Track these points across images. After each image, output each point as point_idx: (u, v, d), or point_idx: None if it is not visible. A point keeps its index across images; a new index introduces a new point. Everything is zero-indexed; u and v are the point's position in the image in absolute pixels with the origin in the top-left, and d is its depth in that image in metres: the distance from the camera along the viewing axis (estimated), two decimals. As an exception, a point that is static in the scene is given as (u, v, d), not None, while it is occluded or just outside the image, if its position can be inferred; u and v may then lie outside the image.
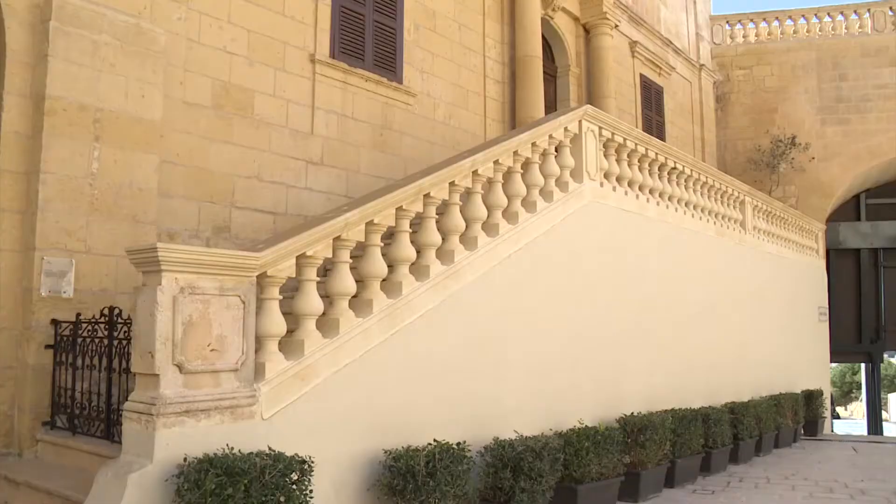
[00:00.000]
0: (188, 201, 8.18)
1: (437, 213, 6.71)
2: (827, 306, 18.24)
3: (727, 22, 23.15)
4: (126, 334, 5.73)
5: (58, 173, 6.81)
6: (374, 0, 10.68)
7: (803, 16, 22.51)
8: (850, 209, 23.46)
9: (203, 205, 8.32)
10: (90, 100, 7.08)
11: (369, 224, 5.96)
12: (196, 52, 8.41)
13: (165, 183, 7.87)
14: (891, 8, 21.74)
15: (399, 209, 6.24)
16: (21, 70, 6.87)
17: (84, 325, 6.36)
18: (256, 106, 8.98)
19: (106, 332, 6.05)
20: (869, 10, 21.89)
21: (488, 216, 7.31)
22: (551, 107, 14.63)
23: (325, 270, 6.10)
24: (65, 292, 6.78)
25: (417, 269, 6.48)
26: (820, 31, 22.25)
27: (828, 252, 20.37)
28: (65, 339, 6.52)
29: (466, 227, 7.04)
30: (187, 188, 8.18)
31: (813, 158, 21.19)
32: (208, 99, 8.48)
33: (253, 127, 8.91)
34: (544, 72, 14.01)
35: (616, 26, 16.30)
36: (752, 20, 23.03)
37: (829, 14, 22.26)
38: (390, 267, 6.29)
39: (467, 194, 7.15)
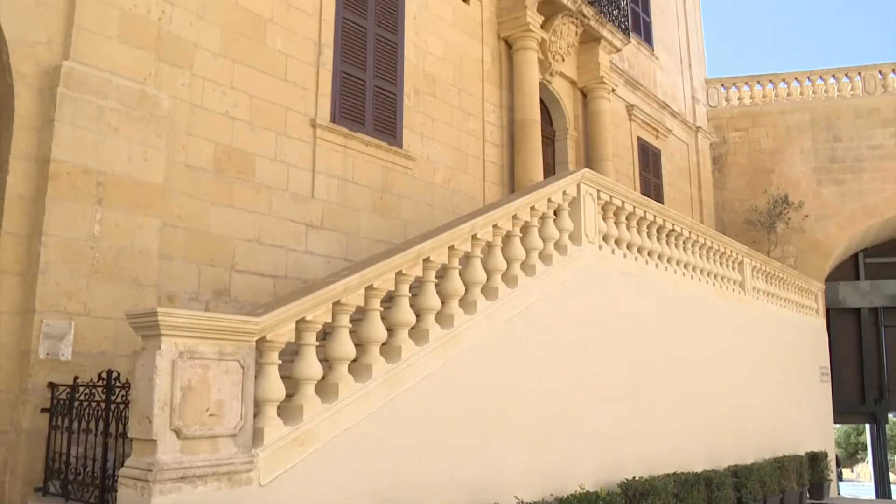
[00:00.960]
0: (188, 264, 8.21)
1: (436, 277, 6.73)
2: (829, 366, 18.15)
3: (722, 85, 23.51)
4: (124, 398, 5.70)
5: (60, 236, 6.84)
6: (374, 65, 10.88)
7: (796, 79, 22.89)
8: (849, 268, 23.52)
9: (203, 267, 8.35)
10: (94, 163, 7.14)
11: (369, 289, 5.98)
12: (199, 116, 8.53)
13: (166, 245, 7.91)
14: (880, 71, 22.15)
15: (399, 273, 6.27)
16: (27, 135, 6.95)
17: (81, 389, 6.31)
18: (258, 169, 9.07)
19: (103, 396, 6.01)
20: (859, 73, 22.28)
21: (488, 280, 7.34)
22: (550, 170, 14.77)
23: (325, 334, 6.10)
24: (63, 355, 6.75)
25: (417, 334, 6.48)
26: (813, 93, 22.60)
27: (828, 311, 20.36)
28: (61, 402, 6.47)
29: (466, 290, 7.06)
30: (188, 251, 8.21)
31: (806, 216, 21.32)
32: (210, 162, 8.57)
33: (254, 190, 8.99)
34: (543, 135, 14.17)
35: (613, 90, 16.55)
36: (746, 83, 23.40)
37: (821, 77, 22.64)
38: (390, 331, 6.29)
39: (467, 258, 7.18)
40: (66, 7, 7.32)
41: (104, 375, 6.05)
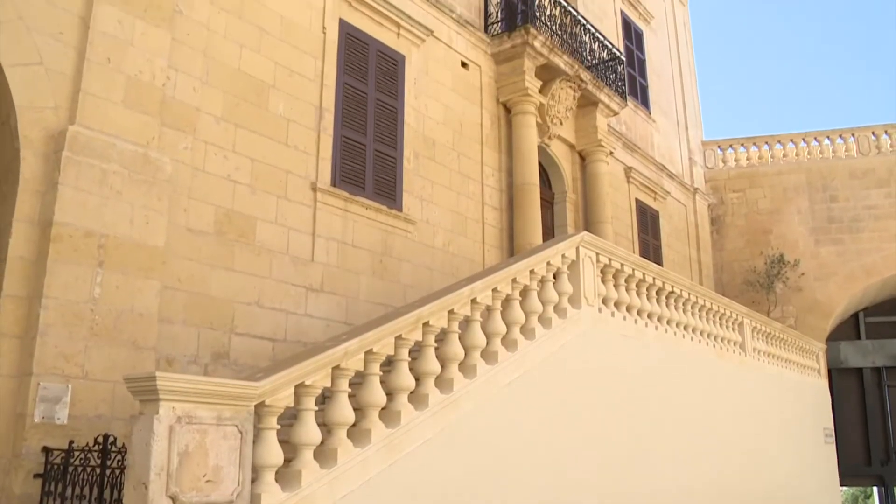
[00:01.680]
0: (188, 327, 8.20)
1: (436, 341, 6.72)
2: (832, 427, 17.96)
3: (719, 147, 23.77)
4: (119, 463, 5.64)
5: (60, 298, 6.85)
6: (374, 129, 11.03)
7: (792, 140, 23.15)
8: (850, 327, 23.45)
9: (203, 330, 8.34)
10: (96, 226, 7.20)
11: (368, 353, 5.96)
12: (200, 179, 8.63)
13: (166, 308, 7.91)
14: (873, 132, 22.42)
15: (398, 338, 6.26)
16: (31, 198, 7.01)
17: (77, 454, 6.24)
18: (258, 233, 9.13)
19: (99, 461, 5.94)
20: (853, 135, 22.56)
21: (487, 343, 7.32)
22: (549, 232, 14.86)
23: (324, 398, 6.06)
24: (59, 418, 6.69)
25: (416, 398, 6.44)
26: (808, 154, 22.83)
27: (830, 372, 20.24)
28: (55, 467, 6.39)
29: (465, 354, 7.03)
30: (188, 314, 8.21)
31: (802, 274, 21.35)
32: (211, 225, 8.63)
33: (254, 253, 9.03)
34: (541, 198, 14.28)
35: (611, 153, 16.73)
36: (742, 145, 23.65)
37: (815, 138, 22.91)
38: (389, 395, 6.25)
39: (466, 322, 7.17)
40: (73, 73, 7.47)
41: (100, 440, 5.99)
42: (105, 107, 7.59)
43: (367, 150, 10.84)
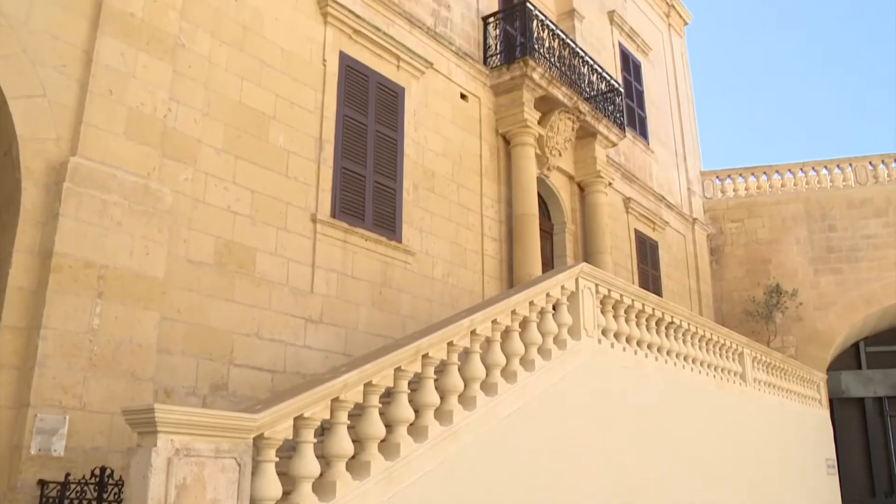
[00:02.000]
0: (187, 358, 8.18)
1: (435, 373, 6.70)
2: (835, 458, 17.84)
3: (717, 177, 23.88)
4: (116, 496, 5.61)
5: (59, 329, 6.84)
6: (374, 161, 11.08)
7: (790, 170, 23.26)
8: (851, 357, 23.38)
9: (202, 361, 8.32)
10: (96, 257, 7.20)
11: (367, 385, 5.94)
12: (201, 211, 8.65)
13: (165, 339, 7.90)
14: (870, 162, 22.54)
15: (397, 370, 6.24)
16: (32, 228, 7.03)
17: (73, 486, 6.20)
18: (258, 264, 9.13)
19: (95, 494, 5.91)
20: (851, 165, 22.67)
21: (487, 375, 7.30)
22: (548, 263, 14.87)
23: (323, 430, 6.03)
24: (55, 450, 6.64)
25: (416, 430, 6.41)
26: (807, 184, 22.93)
27: (831, 401, 20.15)
28: (51, 500, 6.33)
29: (465, 386, 7.01)
30: (187, 345, 8.19)
31: (801, 304, 21.35)
32: (211, 256, 8.64)
33: (254, 285, 9.04)
34: (541, 229, 14.31)
35: (610, 184, 16.80)
36: (741, 175, 23.76)
37: (813, 168, 23.02)
38: (388, 427, 6.22)
39: (466, 354, 7.16)
40: (75, 105, 7.52)
41: (97, 472, 5.97)
42: (106, 138, 7.64)
43: (367, 181, 10.88)
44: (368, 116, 11.16)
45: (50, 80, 7.38)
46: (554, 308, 8.56)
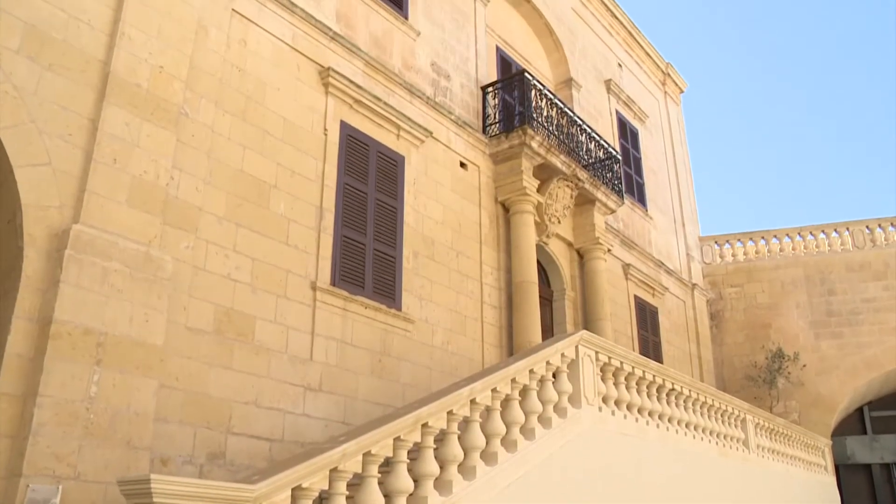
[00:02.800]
0: (184, 426, 8.10)
1: (434, 442, 6.64)
2: (844, 528, 17.52)
3: (716, 242, 24.00)
4: (110, 571, 5.50)
5: (55, 396, 6.78)
6: (374, 229, 11.15)
7: (787, 235, 23.41)
8: (855, 422, 23.16)
9: (199, 430, 8.23)
10: (95, 324, 7.19)
11: (367, 455, 5.89)
12: (201, 278, 8.67)
13: (163, 407, 7.84)
14: (867, 226, 22.71)
15: (397, 439, 6.19)
16: (32, 295, 7.03)
17: (66, 560, 6.10)
18: (257, 332, 9.11)
19: (89, 569, 5.79)
20: (848, 229, 22.84)
21: (487, 444, 7.24)
22: (548, 330, 14.84)
23: (321, 500, 5.95)
24: (48, 521, 6.55)
25: (415, 500, 6.33)
26: (805, 248, 23.06)
27: (837, 468, 19.88)
28: (44, 574, 6.23)
29: (465, 455, 6.94)
30: (184, 413, 8.12)
31: (804, 366, 21.24)
32: (210, 324, 8.63)
33: (253, 353, 9.00)
34: (540, 296, 14.31)
35: (609, 250, 16.86)
36: (739, 240, 23.90)
37: (811, 232, 23.19)
38: (387, 497, 6.14)
39: (465, 423, 7.11)
40: (80, 173, 7.60)
41: (91, 547, 5.86)
42: (109, 206, 7.71)
43: (367, 249, 10.93)
44: (369, 185, 11.28)
45: (56, 148, 7.48)
46: (554, 376, 8.53)
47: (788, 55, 64.53)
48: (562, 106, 15.66)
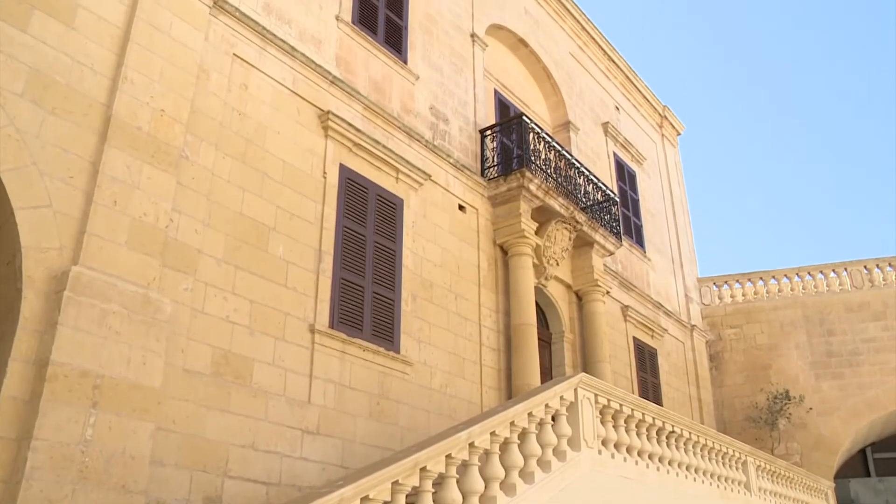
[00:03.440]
0: (180, 469, 8.02)
1: (433, 486, 6.59)
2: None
3: (714, 283, 23.99)
4: None
5: (50, 440, 6.71)
6: (373, 272, 11.15)
7: (786, 275, 23.42)
8: (858, 464, 22.94)
9: (195, 473, 8.15)
10: (92, 366, 7.16)
11: (364, 499, 5.85)
12: (199, 321, 8.65)
13: (159, 450, 7.77)
14: (865, 266, 22.72)
15: (395, 483, 6.15)
16: (29, 337, 7.00)
17: None
18: (255, 374, 9.06)
19: None
20: (846, 269, 22.86)
21: (486, 488, 7.17)
22: (547, 372, 14.77)
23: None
24: (37, 568, 6.44)
25: (413, 547, 6.27)
26: (804, 289, 23.05)
27: (841, 511, 19.66)
28: None
29: (463, 499, 6.88)
30: (181, 456, 8.06)
31: (811, 409, 21.11)
32: (208, 367, 8.59)
33: (251, 395, 8.95)
34: (539, 338, 14.27)
35: (608, 292, 16.84)
36: (738, 281, 23.89)
37: (809, 273, 23.21)
38: (385, 543, 6.09)
39: (464, 466, 7.06)
40: (80, 215, 7.64)
41: None
42: (108, 248, 7.73)
43: (366, 292, 10.93)
44: (367, 227, 11.31)
45: (57, 190, 7.53)
46: (553, 418, 8.48)
47: (785, 96, 65.24)
48: (560, 149, 15.78)
